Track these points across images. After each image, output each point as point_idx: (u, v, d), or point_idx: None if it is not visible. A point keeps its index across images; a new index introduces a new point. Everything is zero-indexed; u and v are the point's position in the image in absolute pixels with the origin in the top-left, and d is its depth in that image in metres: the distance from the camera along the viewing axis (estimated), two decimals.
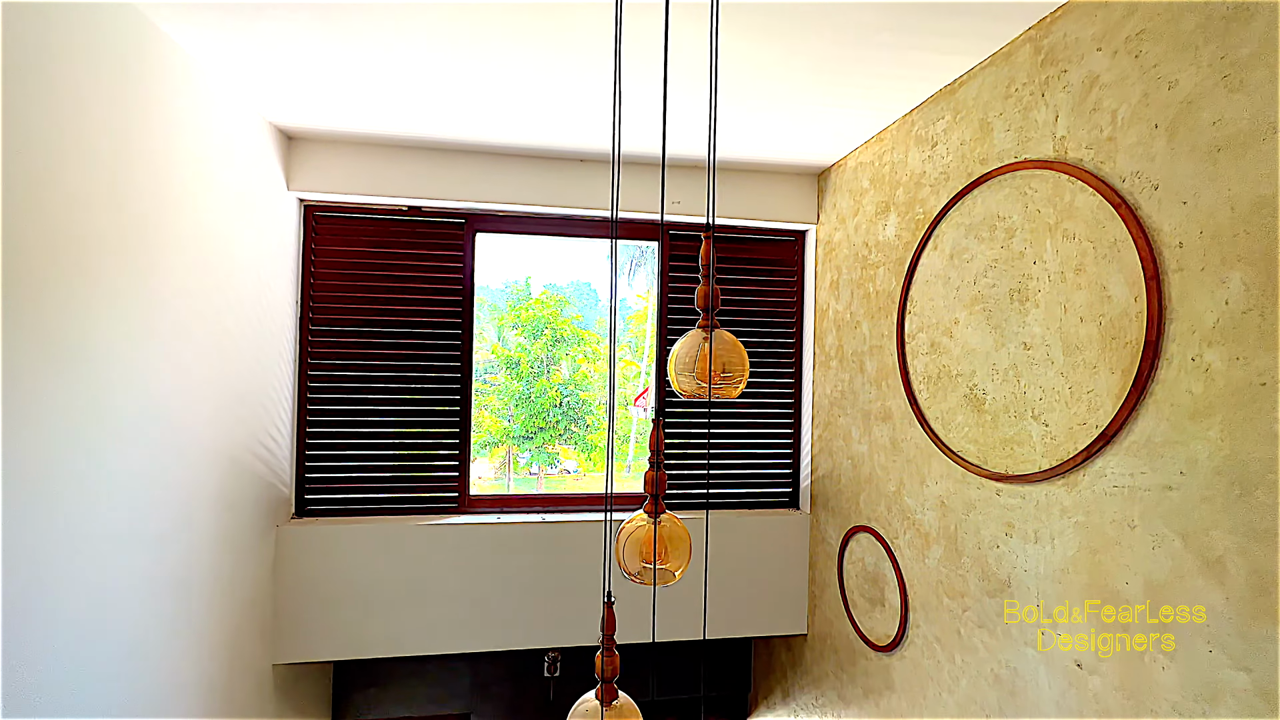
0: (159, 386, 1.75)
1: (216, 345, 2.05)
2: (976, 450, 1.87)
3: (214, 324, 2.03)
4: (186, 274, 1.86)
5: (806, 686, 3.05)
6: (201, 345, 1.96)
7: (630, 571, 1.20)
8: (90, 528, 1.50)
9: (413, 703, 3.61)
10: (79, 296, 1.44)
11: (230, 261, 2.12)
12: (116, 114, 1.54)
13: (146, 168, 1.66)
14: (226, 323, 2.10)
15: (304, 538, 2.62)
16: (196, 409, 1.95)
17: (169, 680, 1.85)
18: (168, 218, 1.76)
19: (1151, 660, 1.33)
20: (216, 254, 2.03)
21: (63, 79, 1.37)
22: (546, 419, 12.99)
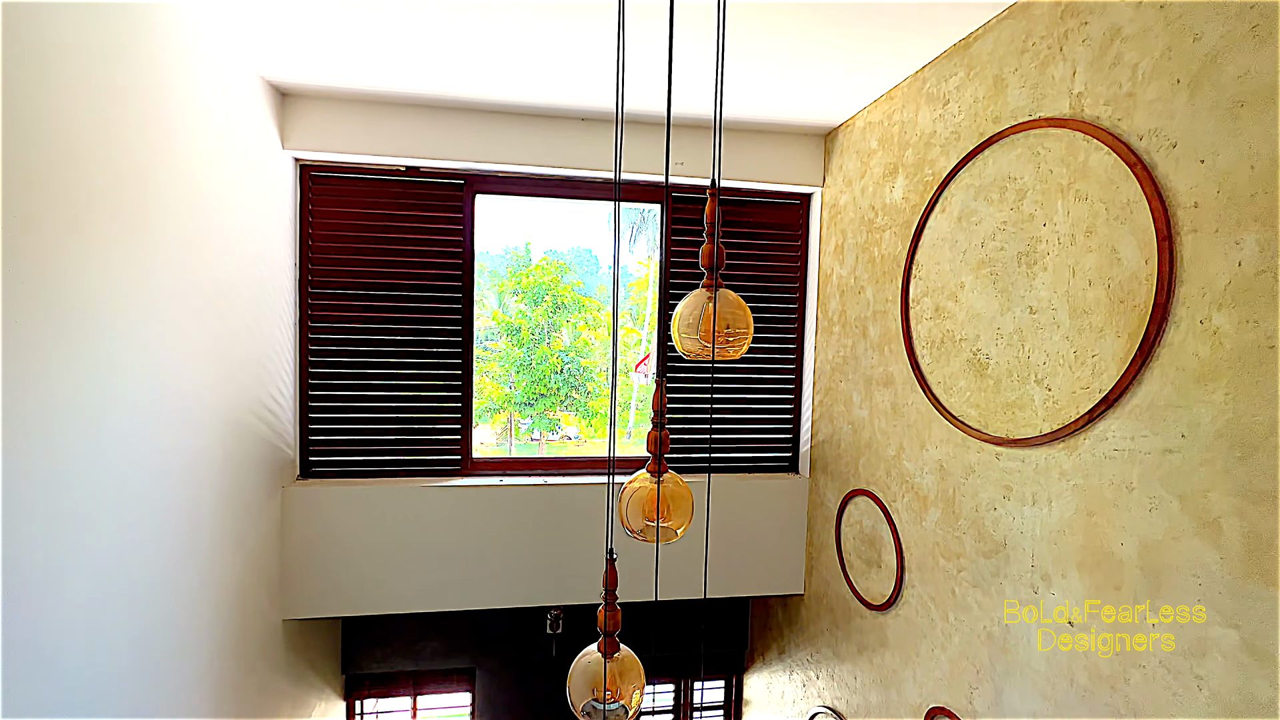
0: (158, 345, 1.74)
1: (213, 305, 2.04)
2: (977, 415, 1.87)
3: (210, 283, 2.01)
4: (179, 231, 1.83)
5: (802, 644, 3.14)
6: (198, 304, 1.95)
7: (633, 529, 1.22)
8: (97, 487, 1.51)
9: (419, 657, 3.72)
10: (72, 252, 1.42)
11: (224, 220, 2.09)
12: (102, 66, 1.49)
13: (134, 121, 1.62)
14: (223, 283, 2.08)
15: (309, 499, 2.65)
16: (197, 369, 1.95)
17: (182, 633, 1.90)
18: (157, 174, 1.72)
19: (1144, 619, 1.36)
20: (209, 212, 2.00)
21: (45, 28, 1.32)
22: (547, 386, 13.04)
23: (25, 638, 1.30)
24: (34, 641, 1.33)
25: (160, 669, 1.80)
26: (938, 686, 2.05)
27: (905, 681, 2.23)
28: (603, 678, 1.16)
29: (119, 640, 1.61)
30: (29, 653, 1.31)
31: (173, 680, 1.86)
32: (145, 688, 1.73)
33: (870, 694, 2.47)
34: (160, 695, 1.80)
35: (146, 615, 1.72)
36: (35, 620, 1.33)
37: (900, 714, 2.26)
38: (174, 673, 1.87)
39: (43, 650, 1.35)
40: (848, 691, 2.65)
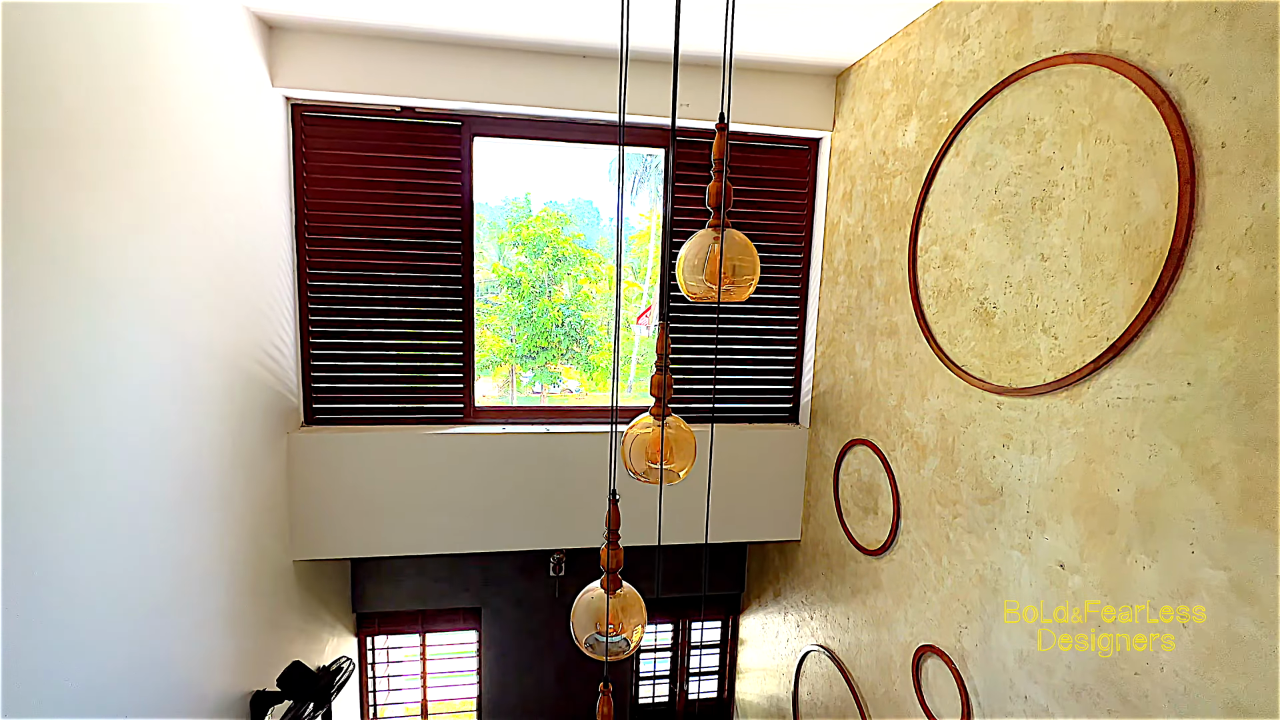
0: (155, 289, 1.72)
1: (208, 248, 2.00)
2: (981, 364, 1.87)
3: (203, 225, 1.97)
4: (169, 172, 1.78)
5: (797, 587, 3.24)
6: (193, 248, 1.92)
7: (636, 471, 1.23)
8: (102, 426, 1.52)
9: (427, 597, 3.85)
10: (63, 194, 1.38)
11: (214, 161, 2.02)
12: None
13: (113, 52, 1.55)
14: (217, 224, 2.04)
15: (314, 444, 2.69)
16: (195, 313, 1.93)
17: (196, 570, 1.95)
18: (141, 111, 1.66)
19: (1134, 562, 1.39)
20: (198, 154, 1.93)
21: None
22: (549, 339, 13.03)
23: (40, 569, 1.34)
24: (48, 575, 1.37)
25: (175, 603, 1.86)
26: (928, 626, 2.12)
27: (897, 622, 2.31)
28: (605, 612, 1.20)
29: (130, 576, 1.66)
30: (46, 587, 1.35)
31: (189, 614, 1.93)
32: (160, 621, 1.79)
33: (862, 633, 2.56)
34: (176, 628, 1.87)
35: (158, 552, 1.77)
36: (47, 553, 1.36)
37: (890, 652, 2.35)
38: (190, 607, 1.93)
39: (58, 583, 1.39)
40: (840, 631, 2.75)
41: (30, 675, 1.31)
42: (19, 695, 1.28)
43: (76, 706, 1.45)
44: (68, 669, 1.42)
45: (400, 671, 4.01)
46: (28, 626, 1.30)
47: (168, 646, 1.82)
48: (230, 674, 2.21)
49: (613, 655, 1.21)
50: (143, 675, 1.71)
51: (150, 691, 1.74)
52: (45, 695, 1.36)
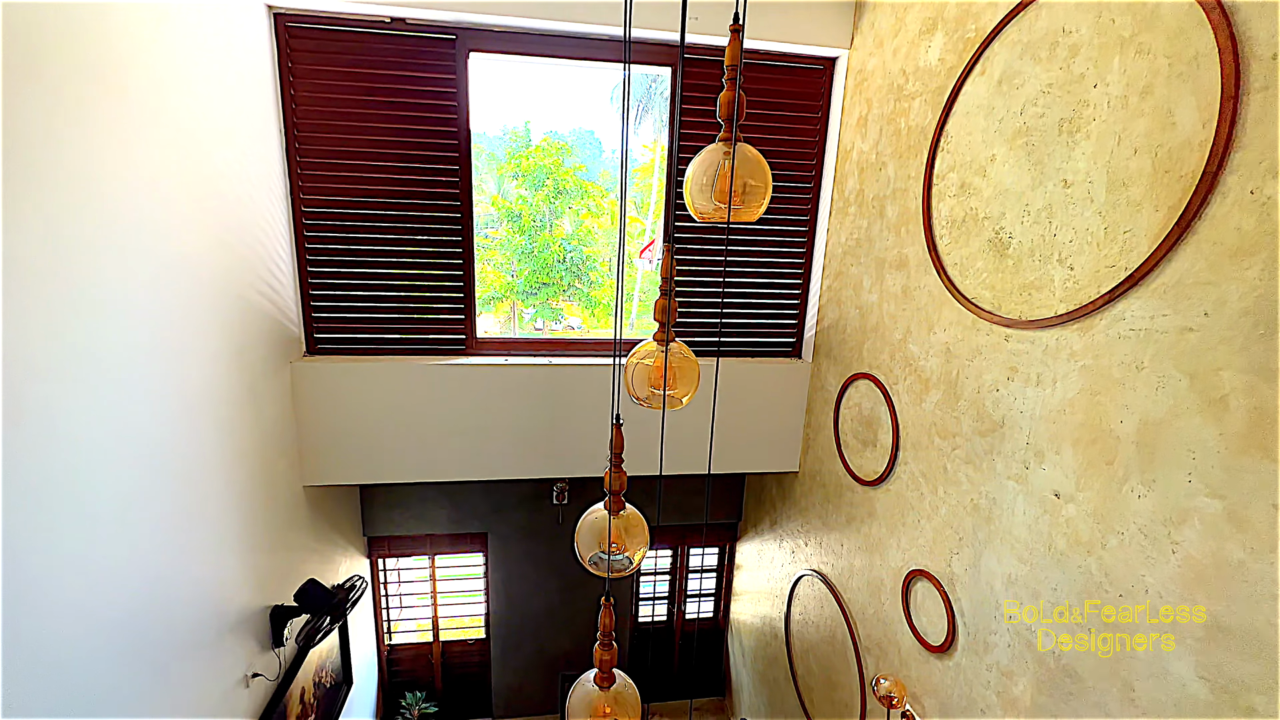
0: (138, 210, 1.67)
1: (192, 167, 1.92)
2: (991, 296, 1.83)
3: (184, 140, 1.88)
4: (144, 81, 1.68)
5: (793, 516, 3.33)
6: (174, 164, 1.84)
7: (639, 397, 1.22)
8: (103, 350, 1.51)
9: (434, 522, 3.99)
10: (42, 113, 1.30)
11: (193, 74, 1.91)
12: None
13: None
14: (199, 138, 1.95)
15: (317, 374, 2.69)
16: (187, 235, 1.88)
17: (209, 495, 2.00)
18: (108, 18, 1.55)
19: (1130, 490, 1.41)
20: (173, 64, 1.82)
21: None
22: (550, 274, 12.85)
23: (50, 488, 1.36)
24: (58, 493, 1.39)
25: (190, 523, 1.91)
26: (920, 552, 2.19)
27: (889, 548, 2.39)
28: (608, 531, 1.22)
29: (144, 496, 1.69)
30: (57, 504, 1.38)
31: (204, 533, 1.99)
32: (177, 540, 1.85)
33: (854, 559, 2.65)
34: (193, 546, 1.93)
35: (169, 472, 1.80)
36: (56, 470, 1.39)
37: (882, 576, 2.44)
38: (205, 527, 1.99)
39: (73, 502, 1.43)
40: (833, 557, 2.85)
41: (48, 594, 1.37)
42: (41, 616, 1.34)
43: (103, 619, 1.52)
44: (88, 586, 1.48)
45: (411, 591, 4.21)
46: (42, 545, 1.34)
47: (186, 564, 1.89)
48: (249, 590, 2.31)
49: (615, 573, 1.25)
50: (164, 590, 1.78)
51: (173, 605, 1.82)
52: (66, 613, 1.41)
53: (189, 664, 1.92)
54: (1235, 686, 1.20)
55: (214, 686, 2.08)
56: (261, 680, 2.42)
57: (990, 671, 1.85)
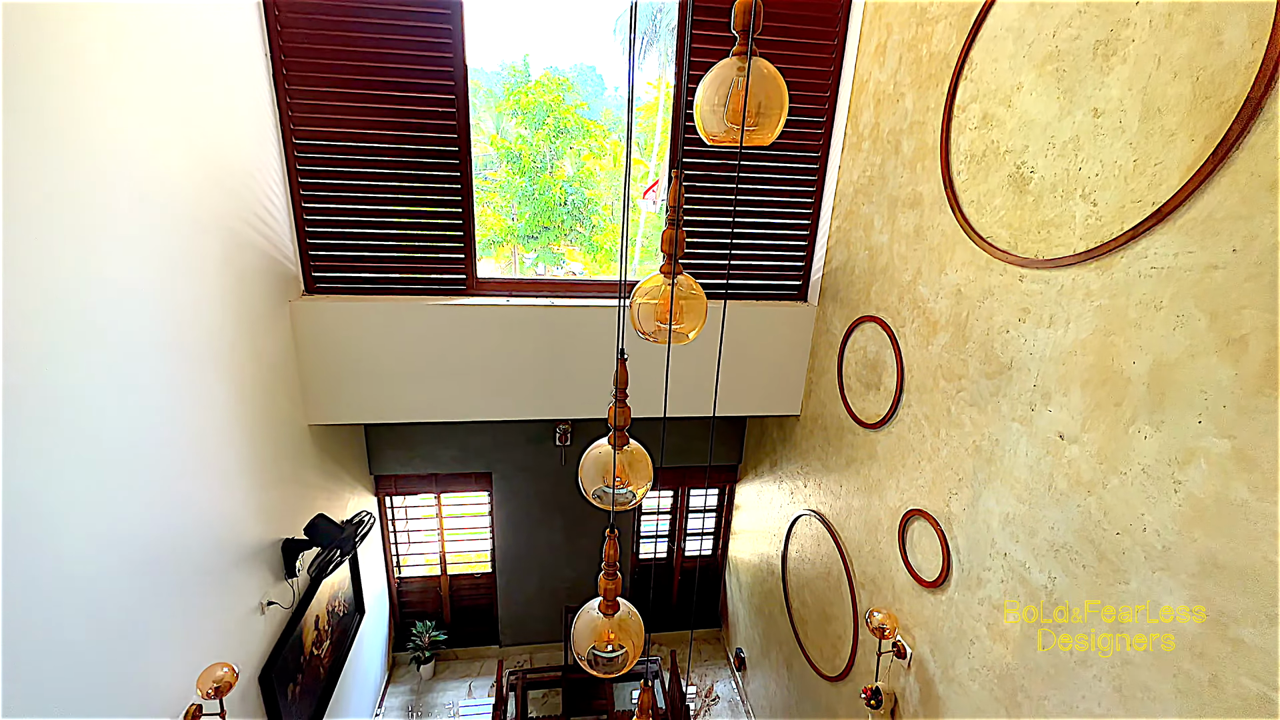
0: (132, 143, 1.59)
1: (181, 96, 1.83)
2: (1008, 235, 1.77)
3: (168, 67, 1.78)
4: (127, 18, 1.58)
5: (794, 459, 3.37)
6: (163, 97, 1.75)
7: (645, 331, 1.20)
8: (97, 289, 1.48)
9: (439, 462, 4.05)
10: (29, 50, 1.22)
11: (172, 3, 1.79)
12: None
13: None
14: (182, 69, 1.85)
15: (317, 313, 2.66)
16: (174, 166, 1.81)
17: (214, 431, 2.01)
18: None
19: (1137, 431, 1.40)
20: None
21: None
22: (551, 218, 12.58)
23: (55, 426, 1.36)
24: (64, 430, 1.39)
25: (197, 459, 1.93)
26: (919, 493, 2.22)
27: (888, 490, 2.42)
28: (613, 465, 1.22)
29: (149, 432, 1.70)
30: (63, 440, 1.39)
31: (212, 468, 2.01)
32: (185, 474, 1.87)
33: (853, 500, 2.70)
34: (201, 480, 1.96)
35: (172, 409, 1.80)
36: (60, 406, 1.38)
37: (879, 516, 2.48)
38: (211, 462, 2.01)
39: (79, 439, 1.43)
40: (831, 498, 2.90)
41: (67, 526, 1.39)
42: (61, 547, 1.36)
43: (121, 547, 1.55)
44: (104, 518, 1.50)
45: (419, 527, 4.32)
46: (55, 480, 1.35)
47: (196, 497, 1.92)
48: (259, 524, 2.36)
49: (619, 506, 1.26)
50: (176, 522, 1.81)
51: (188, 536, 1.86)
52: (85, 544, 1.44)
53: (206, 591, 1.98)
54: (1223, 618, 1.23)
55: (232, 611, 2.15)
56: (277, 608, 2.51)
57: (982, 605, 1.90)
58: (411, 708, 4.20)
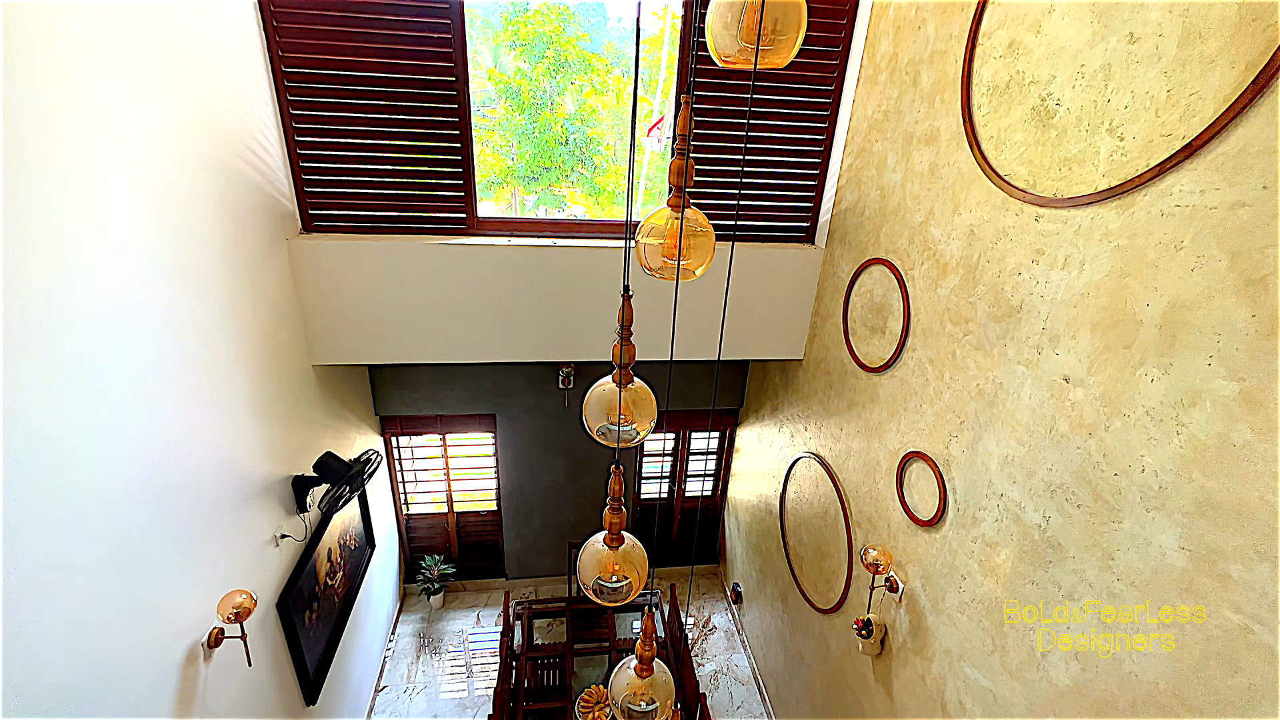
0: (119, 73, 1.52)
1: (166, 25, 1.73)
2: (1027, 173, 1.71)
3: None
4: None
5: (795, 402, 3.40)
6: (148, 27, 1.65)
7: (651, 268, 1.17)
8: (92, 224, 1.45)
9: (443, 403, 4.09)
10: None
11: None
12: None
13: None
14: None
15: (316, 252, 2.62)
16: (163, 93, 1.73)
17: (216, 368, 2.02)
18: None
19: (1144, 374, 1.39)
20: None
21: None
22: (552, 158, 12.20)
23: (61, 360, 1.36)
24: (66, 366, 1.39)
25: (200, 395, 1.94)
26: (919, 436, 2.24)
27: (888, 432, 2.44)
28: (618, 403, 1.22)
29: (148, 367, 1.70)
30: (66, 376, 1.39)
31: (216, 405, 2.03)
32: (190, 410, 1.89)
33: (853, 442, 2.73)
34: (205, 417, 1.98)
35: (172, 343, 1.80)
36: (64, 342, 1.38)
37: (878, 458, 2.52)
38: (216, 399, 2.03)
39: (80, 375, 1.43)
40: (831, 440, 2.94)
41: (78, 459, 1.41)
42: (71, 478, 1.39)
43: (131, 482, 1.58)
44: (113, 452, 1.52)
45: (425, 467, 4.42)
46: (60, 415, 1.36)
47: (203, 433, 1.95)
48: (268, 461, 2.41)
49: (623, 443, 1.27)
50: (186, 456, 1.84)
51: (199, 471, 1.90)
52: (96, 475, 1.47)
53: (220, 523, 2.04)
54: (1214, 556, 1.26)
55: (247, 543, 2.22)
56: (290, 541, 2.59)
57: (975, 543, 1.95)
58: (423, 635, 4.42)
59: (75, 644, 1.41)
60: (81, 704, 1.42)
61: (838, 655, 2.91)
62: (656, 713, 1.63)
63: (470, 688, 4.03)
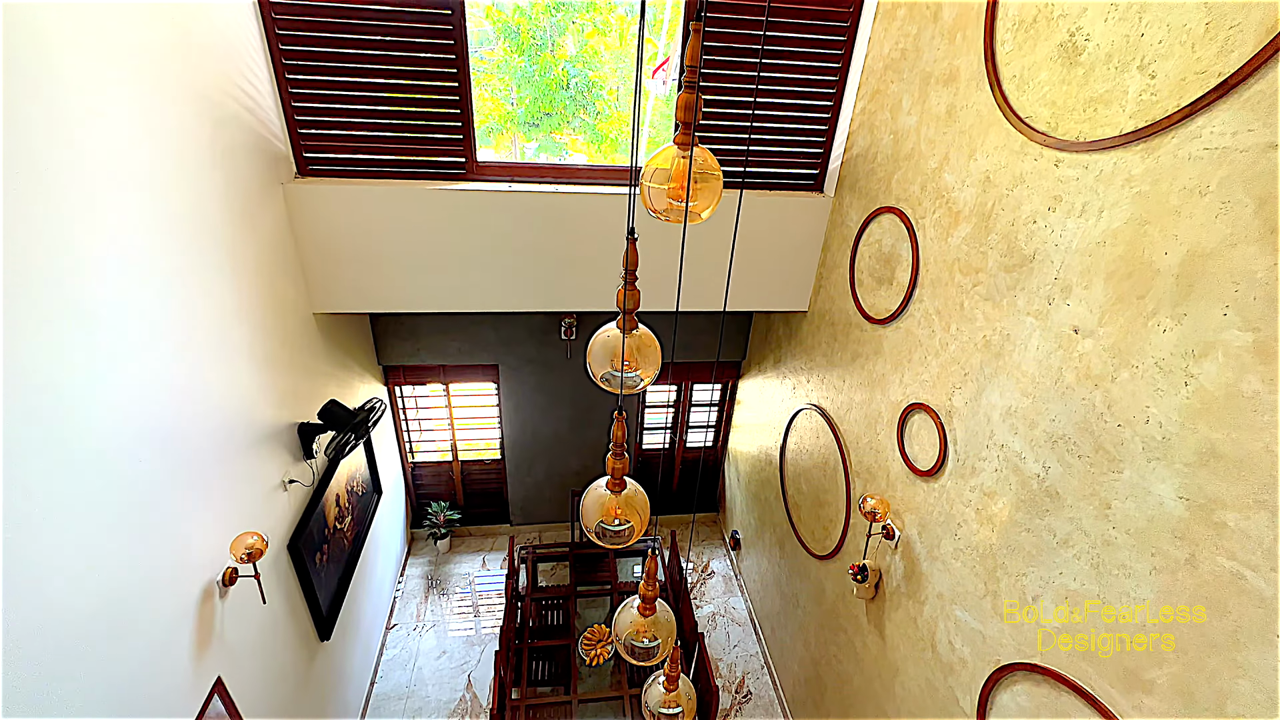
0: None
1: None
2: (1049, 115, 1.64)
3: None
4: None
5: (798, 354, 3.39)
6: None
7: (656, 209, 1.13)
8: (83, 152, 1.40)
9: (446, 353, 4.09)
10: None
11: None
12: None
13: None
14: None
15: (312, 196, 2.56)
16: (148, 23, 1.65)
17: (216, 313, 2.00)
18: None
19: (1156, 325, 1.37)
20: None
21: None
22: (553, 103, 11.80)
23: (59, 306, 1.34)
24: (67, 308, 1.38)
25: (199, 339, 1.93)
26: (922, 387, 2.24)
27: (891, 384, 2.44)
28: (621, 348, 1.21)
29: (143, 310, 1.68)
30: (68, 308, 1.37)
31: (217, 350, 2.02)
32: (191, 352, 1.88)
33: (855, 394, 2.74)
34: (206, 360, 1.98)
35: (173, 289, 1.78)
36: (63, 287, 1.36)
37: (880, 409, 2.52)
38: (216, 345, 2.02)
39: (71, 311, 1.41)
40: (833, 392, 2.95)
41: (85, 402, 1.41)
42: (80, 421, 1.39)
43: (139, 425, 1.59)
44: (111, 390, 1.52)
45: (429, 416, 4.46)
46: (63, 357, 1.35)
47: (208, 378, 1.95)
48: (273, 407, 2.42)
49: (626, 390, 1.26)
50: (192, 401, 1.85)
51: (208, 415, 1.91)
52: (105, 416, 1.47)
53: (228, 468, 2.07)
54: (1212, 505, 1.27)
55: (255, 488, 2.26)
56: (298, 486, 2.64)
57: (973, 492, 1.98)
58: (431, 577, 4.57)
59: (92, 578, 1.45)
60: (103, 634, 1.47)
61: (832, 599, 3.01)
62: (658, 650, 1.69)
63: (477, 626, 4.20)
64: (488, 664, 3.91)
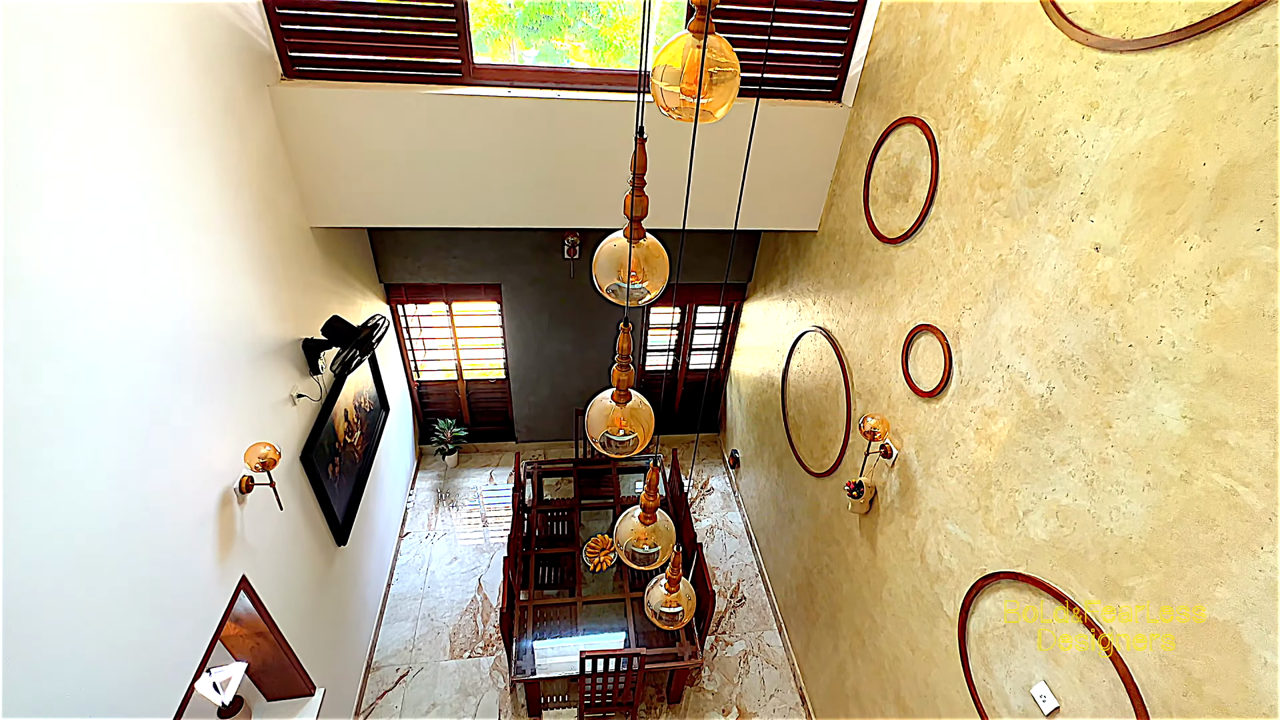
0: None
1: None
2: (1094, 10, 1.50)
3: None
4: None
5: (805, 276, 3.33)
6: None
7: (668, 107, 1.06)
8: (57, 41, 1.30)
9: (447, 272, 4.03)
10: None
11: None
12: None
13: None
14: None
15: (301, 100, 2.42)
16: None
17: (208, 224, 1.94)
18: None
19: (1182, 241, 1.32)
20: None
21: None
22: (553, 6, 11.00)
23: (58, 230, 1.30)
24: (67, 230, 1.33)
25: (192, 250, 1.89)
26: (931, 308, 2.21)
27: (899, 306, 2.41)
28: (628, 259, 1.18)
29: (142, 223, 1.64)
30: (57, 223, 1.33)
31: (212, 260, 1.99)
32: (185, 267, 1.85)
33: (862, 316, 2.71)
34: (202, 272, 1.94)
35: (163, 198, 1.72)
36: (56, 206, 1.30)
37: (886, 331, 2.51)
38: (211, 255, 1.98)
39: (60, 225, 1.37)
40: (839, 314, 2.92)
41: (92, 316, 1.39)
42: (87, 333, 1.38)
43: (134, 332, 1.59)
44: (111, 300, 1.50)
45: (433, 335, 4.46)
46: (47, 264, 1.32)
47: (207, 290, 1.92)
48: (276, 322, 2.41)
49: (633, 302, 1.24)
50: (188, 310, 1.84)
51: (212, 329, 1.90)
52: (110, 330, 1.46)
53: (236, 382, 2.09)
54: (1214, 424, 1.27)
55: (263, 401, 2.29)
56: (306, 400, 2.68)
57: (974, 413, 2.00)
58: (440, 490, 4.75)
59: (112, 482, 1.49)
60: (132, 538, 1.54)
61: (827, 514, 3.13)
62: (658, 556, 1.76)
63: (486, 535, 4.40)
64: (497, 569, 4.14)
